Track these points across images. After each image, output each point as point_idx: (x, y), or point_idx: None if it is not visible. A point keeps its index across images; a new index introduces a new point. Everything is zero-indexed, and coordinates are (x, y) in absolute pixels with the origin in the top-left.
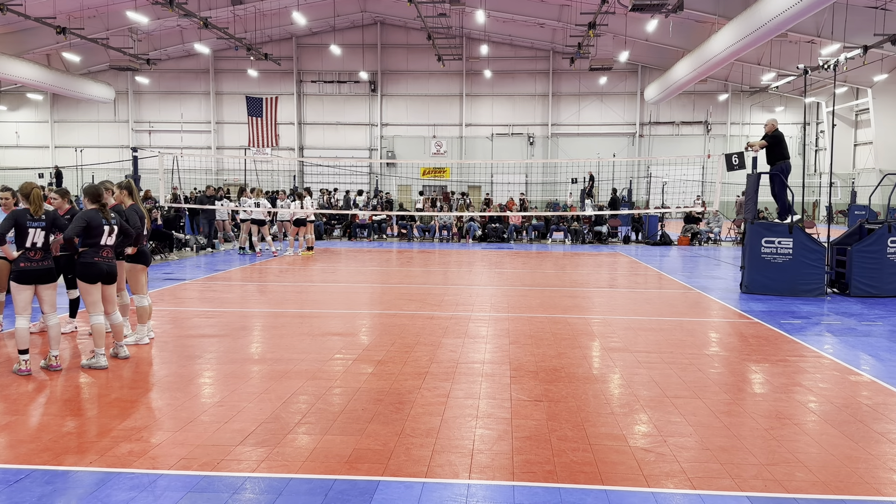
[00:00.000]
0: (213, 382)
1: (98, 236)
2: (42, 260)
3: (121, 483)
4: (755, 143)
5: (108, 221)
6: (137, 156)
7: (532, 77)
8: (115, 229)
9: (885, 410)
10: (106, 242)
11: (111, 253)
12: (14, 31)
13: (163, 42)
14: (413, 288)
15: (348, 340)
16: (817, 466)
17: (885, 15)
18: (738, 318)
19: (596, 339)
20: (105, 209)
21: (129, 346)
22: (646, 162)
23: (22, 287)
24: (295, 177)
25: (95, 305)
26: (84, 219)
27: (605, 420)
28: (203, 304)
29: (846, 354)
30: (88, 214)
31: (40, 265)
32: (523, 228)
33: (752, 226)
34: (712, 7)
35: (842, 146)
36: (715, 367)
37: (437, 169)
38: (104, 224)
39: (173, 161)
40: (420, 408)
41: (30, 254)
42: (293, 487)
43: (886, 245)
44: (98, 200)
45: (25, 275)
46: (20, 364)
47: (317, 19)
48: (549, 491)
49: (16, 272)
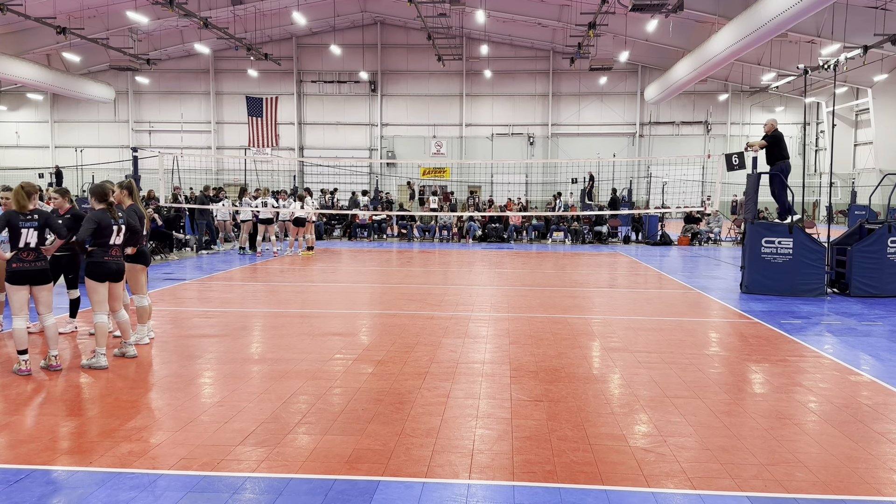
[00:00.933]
0: (213, 382)
1: (107, 236)
2: (35, 261)
3: (121, 483)
4: (755, 143)
5: (116, 221)
6: (137, 156)
7: (532, 77)
8: (123, 228)
9: (885, 410)
10: (115, 242)
11: (119, 252)
12: (14, 31)
13: (163, 42)
14: (413, 288)
15: (348, 340)
16: (817, 466)
17: (885, 15)
18: (738, 318)
19: (596, 339)
20: (112, 208)
21: None
22: (646, 162)
23: (16, 288)
24: (295, 177)
25: (101, 304)
26: (94, 220)
27: (605, 420)
28: (203, 304)
29: (846, 354)
30: (97, 215)
31: (33, 266)
32: (523, 228)
33: (752, 226)
34: (712, 7)
35: (842, 146)
36: (715, 367)
37: (437, 169)
38: (112, 224)
39: (173, 161)
40: (420, 408)
41: (23, 254)
42: (293, 487)
43: (886, 245)
44: (105, 200)
45: (19, 275)
46: (20, 364)
47: (317, 19)
48: (549, 491)
49: (9, 273)
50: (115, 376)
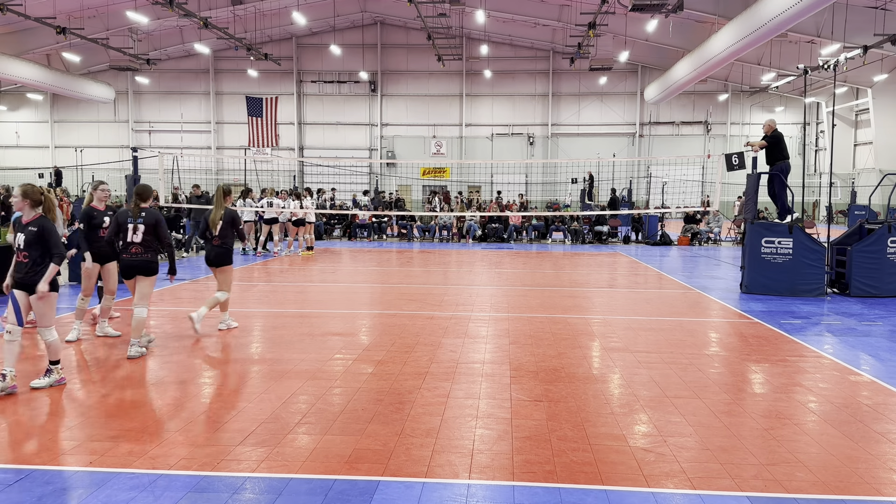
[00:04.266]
0: (213, 382)
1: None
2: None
3: (121, 483)
4: (755, 143)
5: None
6: (137, 156)
7: (532, 77)
8: (140, 227)
9: (885, 410)
10: (132, 240)
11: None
12: (14, 31)
13: (163, 42)
14: (413, 288)
15: (348, 340)
16: (817, 466)
17: (885, 15)
18: (738, 318)
19: (596, 339)
20: (137, 207)
21: None
22: (646, 162)
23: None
24: (295, 177)
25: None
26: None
27: (605, 420)
28: (203, 303)
29: (846, 354)
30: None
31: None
32: (523, 228)
33: (752, 226)
34: (712, 7)
35: (842, 146)
36: (715, 367)
37: (437, 169)
38: (129, 221)
39: (173, 161)
40: (420, 408)
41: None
42: (293, 487)
43: (886, 245)
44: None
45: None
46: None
47: (317, 19)
48: (549, 491)
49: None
50: (115, 376)
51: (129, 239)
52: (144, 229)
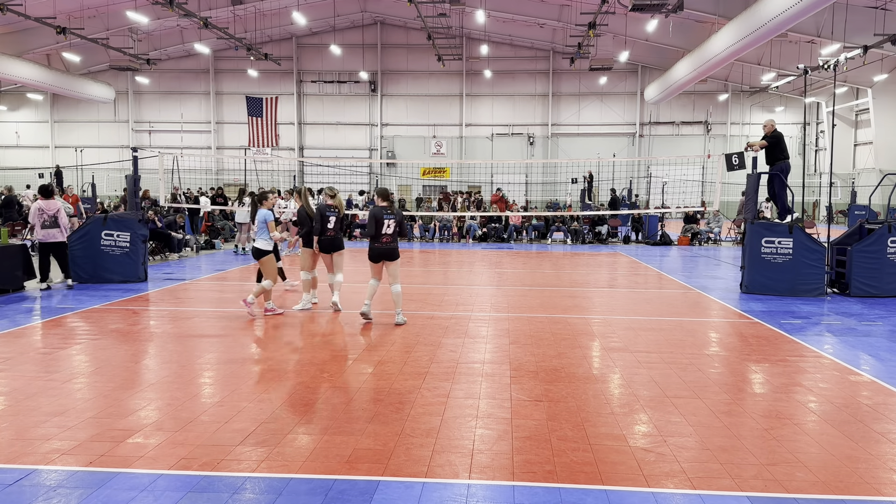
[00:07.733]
0: (213, 382)
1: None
2: (390, 243)
3: (121, 483)
4: (755, 143)
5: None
6: (137, 156)
7: (532, 77)
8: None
9: (885, 410)
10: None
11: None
12: (14, 31)
13: (163, 42)
14: (413, 288)
15: (348, 340)
16: (817, 466)
17: (885, 15)
18: (738, 318)
19: (596, 339)
20: (393, 206)
21: None
22: (646, 162)
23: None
24: (295, 177)
25: None
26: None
27: (605, 420)
28: (203, 304)
29: (846, 354)
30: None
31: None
32: (523, 228)
33: (752, 226)
34: (712, 7)
35: (842, 146)
36: (715, 367)
37: (437, 169)
38: (384, 217)
39: (173, 161)
40: (420, 408)
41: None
42: (293, 487)
43: (886, 245)
44: (386, 198)
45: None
46: None
47: (317, 19)
48: (549, 491)
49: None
50: (115, 376)
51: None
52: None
